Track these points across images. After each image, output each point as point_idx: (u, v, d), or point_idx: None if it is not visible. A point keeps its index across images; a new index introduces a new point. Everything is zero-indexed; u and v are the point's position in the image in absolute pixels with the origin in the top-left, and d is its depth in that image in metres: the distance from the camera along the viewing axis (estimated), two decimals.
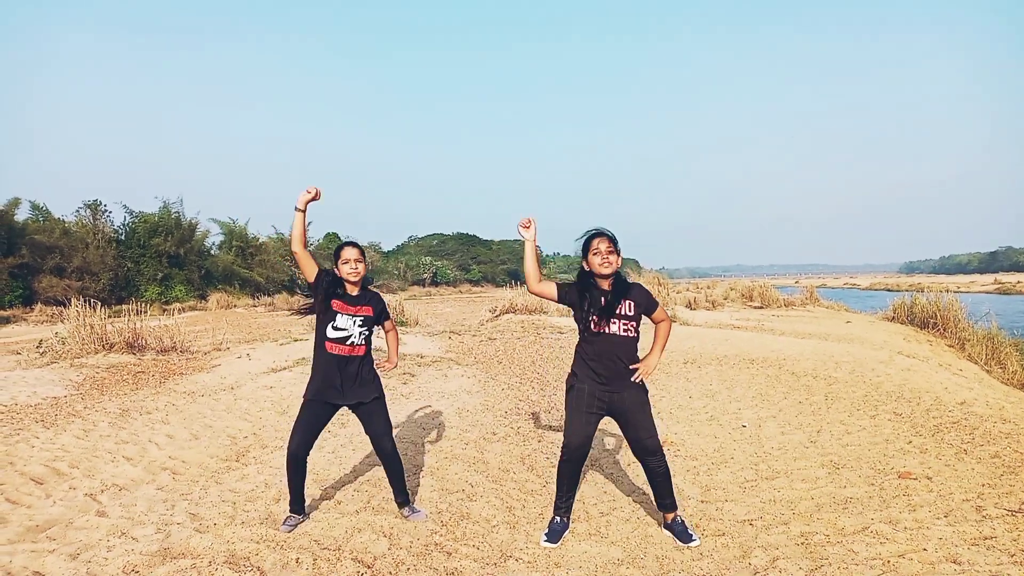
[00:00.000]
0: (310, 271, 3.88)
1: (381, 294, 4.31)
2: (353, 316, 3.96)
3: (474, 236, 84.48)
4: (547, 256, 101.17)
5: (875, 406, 6.68)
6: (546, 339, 12.44)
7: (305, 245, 3.89)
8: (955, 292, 15.88)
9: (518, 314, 16.49)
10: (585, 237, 3.70)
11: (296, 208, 3.83)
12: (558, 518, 3.88)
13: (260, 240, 43.63)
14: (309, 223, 4.26)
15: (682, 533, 3.76)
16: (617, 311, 3.62)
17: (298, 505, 4.06)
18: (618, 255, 3.66)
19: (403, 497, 4.19)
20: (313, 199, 3.85)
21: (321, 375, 3.92)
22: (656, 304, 3.80)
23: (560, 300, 3.74)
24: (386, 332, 4.33)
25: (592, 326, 3.64)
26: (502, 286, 37.88)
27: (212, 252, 40.06)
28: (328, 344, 3.90)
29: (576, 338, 4.59)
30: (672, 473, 4.20)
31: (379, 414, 4.05)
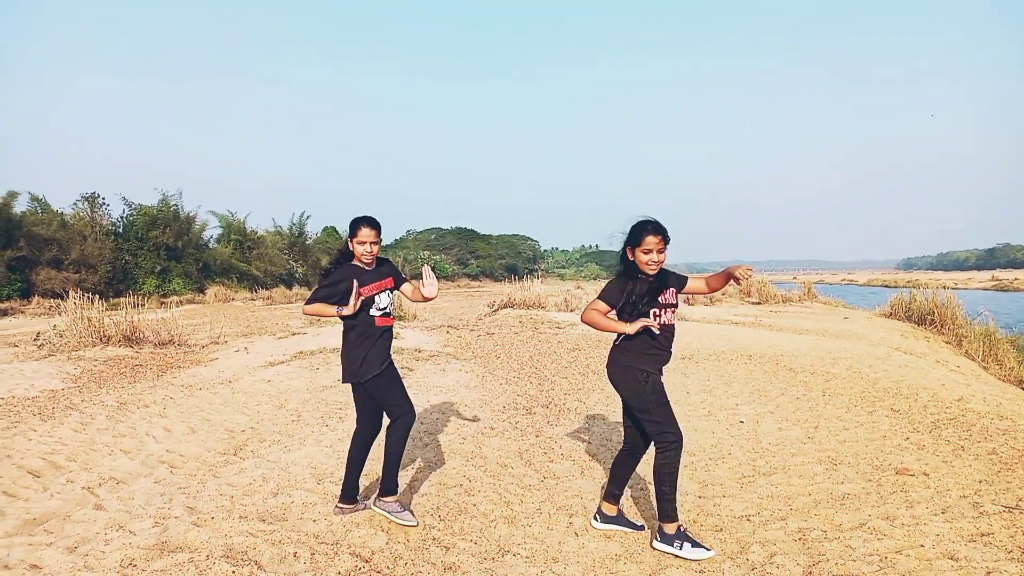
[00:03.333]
0: (329, 312, 3.86)
1: None
2: (383, 291, 3.97)
3: (472, 230, 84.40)
4: (544, 251, 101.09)
5: (873, 402, 6.69)
6: (544, 334, 12.44)
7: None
8: (952, 289, 15.91)
9: (516, 309, 16.47)
10: (636, 228, 3.50)
11: (339, 314, 3.86)
12: (683, 527, 3.62)
13: (259, 234, 43.56)
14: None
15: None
16: (662, 299, 3.54)
17: (356, 492, 4.12)
18: (666, 249, 3.52)
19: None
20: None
21: (376, 351, 3.90)
22: (686, 277, 3.73)
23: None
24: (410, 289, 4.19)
25: (652, 318, 3.51)
26: (500, 281, 37.86)
27: (210, 245, 40.01)
28: (379, 320, 3.93)
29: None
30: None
31: (398, 381, 4.03)
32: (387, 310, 3.98)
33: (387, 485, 4.02)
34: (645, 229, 3.45)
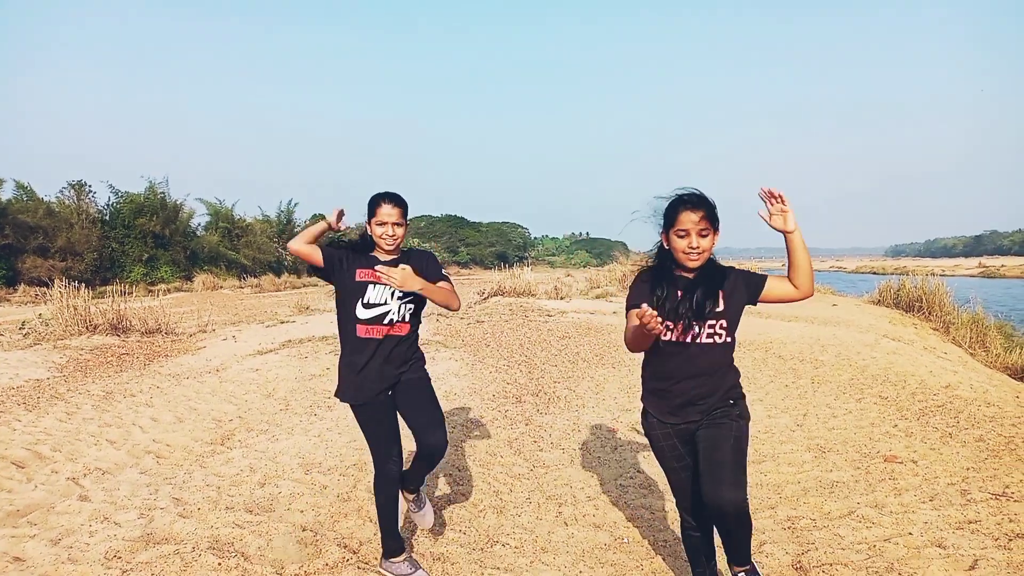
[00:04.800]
0: (316, 256, 3.07)
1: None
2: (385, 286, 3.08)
3: (462, 218, 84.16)
4: (534, 239, 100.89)
5: (861, 389, 6.71)
6: (534, 321, 12.42)
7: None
8: (940, 275, 15.97)
9: (506, 296, 16.44)
10: (669, 204, 2.58)
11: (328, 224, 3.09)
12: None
13: (247, 221, 43.31)
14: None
15: None
16: (698, 303, 2.53)
17: (397, 539, 3.27)
18: (714, 234, 2.56)
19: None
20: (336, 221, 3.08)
21: (355, 370, 3.11)
22: (765, 276, 2.64)
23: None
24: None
25: (666, 333, 2.55)
26: (490, 268, 37.79)
27: (198, 233, 39.74)
28: (359, 327, 3.09)
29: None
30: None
31: (428, 398, 3.22)
32: (385, 315, 3.08)
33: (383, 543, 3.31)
34: (680, 202, 2.52)
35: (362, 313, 3.08)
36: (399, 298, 3.08)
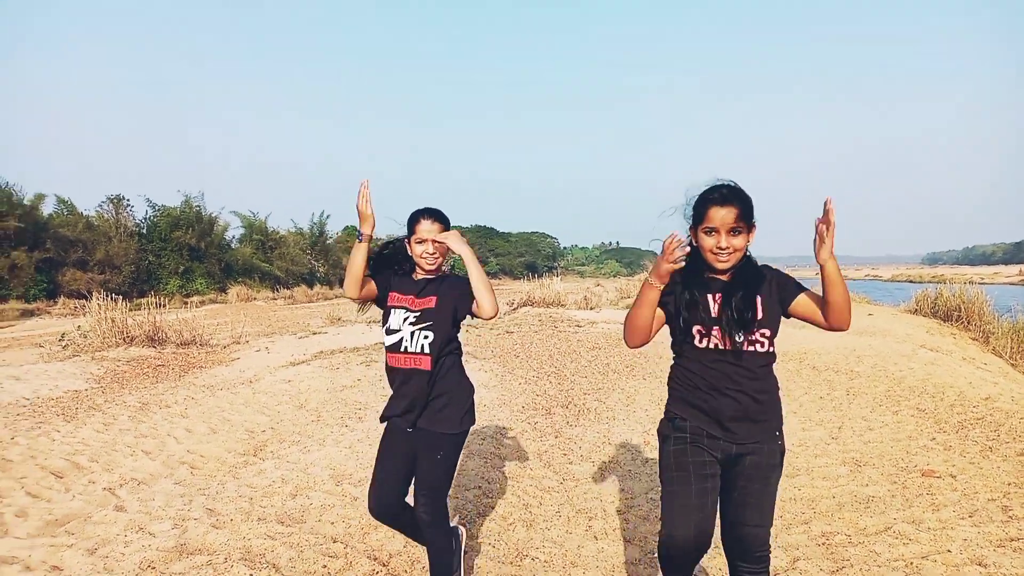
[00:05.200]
0: (374, 292, 2.90)
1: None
2: (407, 310, 2.83)
3: (492, 228, 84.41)
4: (564, 249, 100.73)
5: (898, 401, 6.58)
6: (563, 332, 12.39)
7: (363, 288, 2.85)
8: (979, 283, 15.62)
9: (535, 307, 16.43)
10: (697, 198, 2.38)
11: (359, 237, 2.80)
12: None
13: (280, 233, 43.94)
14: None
15: None
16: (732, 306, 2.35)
17: None
18: (749, 231, 2.36)
19: None
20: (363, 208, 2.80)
21: (394, 395, 2.90)
22: (800, 286, 2.43)
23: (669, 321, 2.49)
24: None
25: (698, 338, 2.39)
26: (519, 279, 37.84)
27: (232, 245, 40.40)
28: (387, 355, 2.87)
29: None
30: None
31: (431, 460, 2.82)
32: (399, 343, 2.81)
33: None
34: (709, 198, 2.33)
35: (386, 340, 2.86)
36: (411, 323, 2.79)
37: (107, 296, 11.67)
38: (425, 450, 2.83)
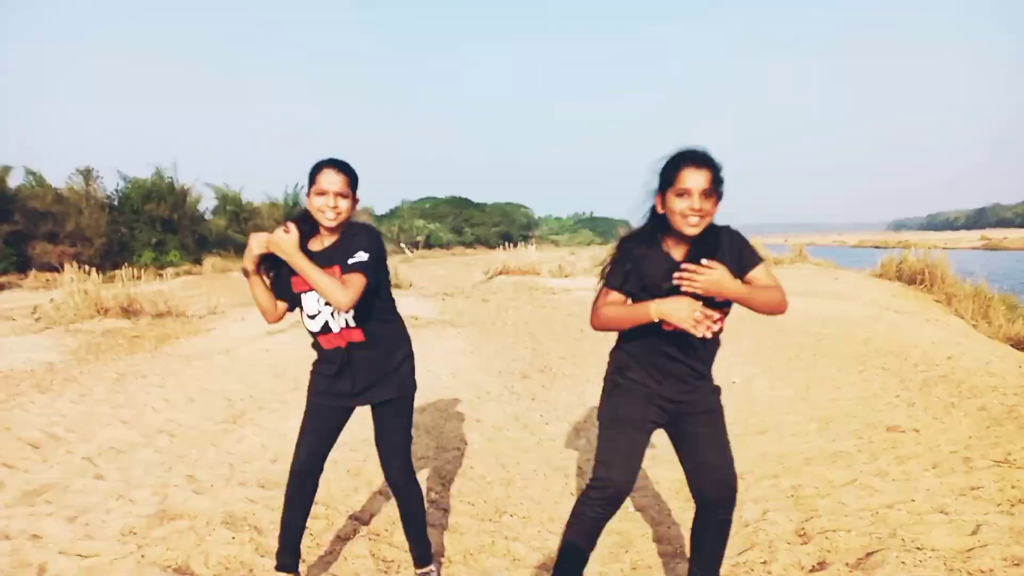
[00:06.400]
0: (276, 301, 2.72)
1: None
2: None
3: (466, 199, 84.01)
4: (538, 219, 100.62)
5: (864, 361, 6.74)
6: (539, 300, 12.46)
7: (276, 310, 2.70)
8: (943, 249, 15.90)
9: (511, 276, 16.48)
10: (668, 160, 2.27)
11: (243, 270, 2.63)
12: None
13: (254, 205, 43.39)
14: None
15: None
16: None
17: (290, 556, 2.89)
18: (717, 199, 2.25)
19: (421, 550, 2.93)
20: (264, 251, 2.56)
21: (317, 373, 2.79)
22: (757, 259, 2.31)
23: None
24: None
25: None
26: (495, 248, 37.84)
27: (206, 217, 39.84)
28: (319, 338, 2.66)
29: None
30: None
31: (392, 422, 2.84)
32: (325, 325, 2.61)
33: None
34: (682, 157, 2.23)
35: (311, 325, 2.64)
36: (326, 302, 2.55)
37: (79, 268, 11.51)
38: (385, 415, 2.82)
